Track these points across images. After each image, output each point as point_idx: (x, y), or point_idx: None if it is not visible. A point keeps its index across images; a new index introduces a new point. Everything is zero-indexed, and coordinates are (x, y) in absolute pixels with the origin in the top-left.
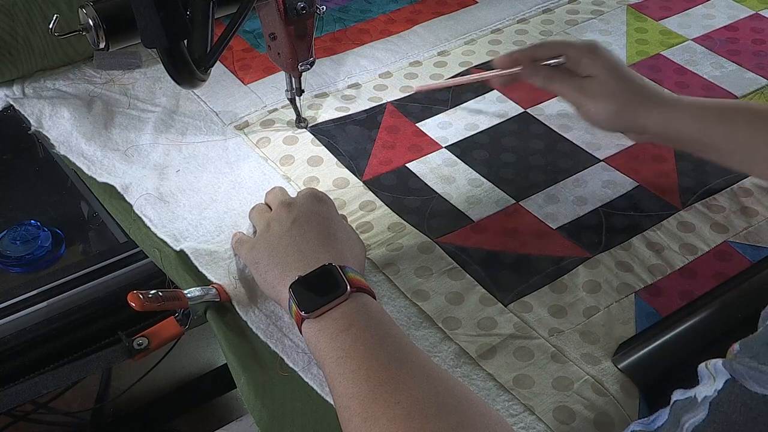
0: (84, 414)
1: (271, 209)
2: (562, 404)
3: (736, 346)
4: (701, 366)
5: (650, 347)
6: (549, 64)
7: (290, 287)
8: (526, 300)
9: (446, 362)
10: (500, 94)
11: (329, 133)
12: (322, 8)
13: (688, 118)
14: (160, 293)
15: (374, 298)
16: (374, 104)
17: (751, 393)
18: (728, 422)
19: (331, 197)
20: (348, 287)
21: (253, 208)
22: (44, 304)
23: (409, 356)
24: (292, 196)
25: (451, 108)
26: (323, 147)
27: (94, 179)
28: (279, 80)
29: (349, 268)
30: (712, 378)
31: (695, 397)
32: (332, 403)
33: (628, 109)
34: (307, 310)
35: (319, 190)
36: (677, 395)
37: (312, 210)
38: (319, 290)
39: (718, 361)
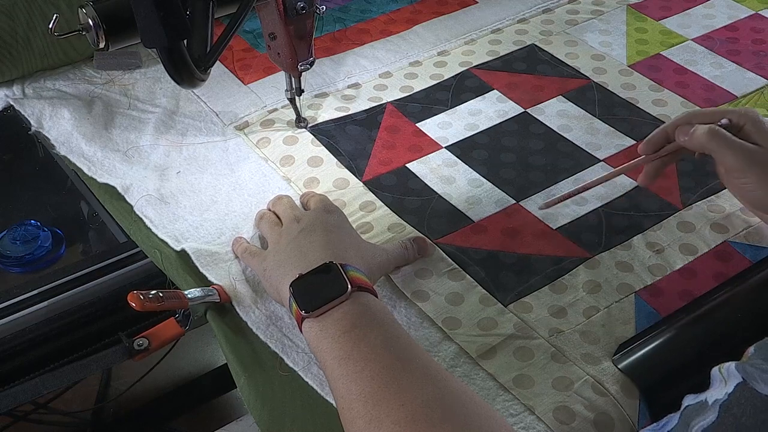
0: (84, 414)
1: (279, 219)
2: (562, 404)
3: (751, 349)
4: (714, 369)
5: (650, 347)
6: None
7: (290, 285)
8: (526, 300)
9: (446, 362)
10: (500, 93)
11: (329, 133)
12: (322, 8)
13: None
14: (160, 293)
15: (376, 296)
16: (374, 104)
17: (761, 396)
18: (737, 425)
19: (331, 198)
20: (349, 286)
21: (261, 217)
22: (44, 304)
23: (413, 358)
24: (298, 205)
25: (451, 108)
26: (323, 147)
27: (95, 180)
28: (279, 80)
29: (351, 266)
30: (723, 381)
31: (706, 400)
32: (333, 403)
33: None
34: (307, 309)
35: (328, 198)
36: (688, 400)
37: (320, 219)
38: (319, 288)
39: (732, 364)
